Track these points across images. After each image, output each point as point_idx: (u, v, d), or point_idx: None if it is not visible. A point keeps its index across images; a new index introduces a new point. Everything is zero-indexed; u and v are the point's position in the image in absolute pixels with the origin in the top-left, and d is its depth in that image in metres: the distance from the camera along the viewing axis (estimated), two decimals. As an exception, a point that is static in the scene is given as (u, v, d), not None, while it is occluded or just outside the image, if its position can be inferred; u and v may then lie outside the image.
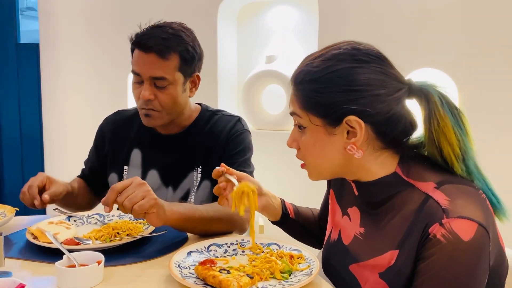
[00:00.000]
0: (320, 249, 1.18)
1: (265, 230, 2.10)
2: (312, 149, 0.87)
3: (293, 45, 2.35)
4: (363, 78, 0.80)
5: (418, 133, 0.86)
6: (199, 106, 1.45)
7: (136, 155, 1.42)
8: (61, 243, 1.02)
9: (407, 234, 0.80)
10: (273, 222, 1.15)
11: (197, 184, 1.36)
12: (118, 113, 1.52)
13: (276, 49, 2.38)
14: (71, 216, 1.26)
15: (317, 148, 0.86)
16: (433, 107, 0.81)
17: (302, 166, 0.93)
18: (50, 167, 2.79)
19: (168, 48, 1.26)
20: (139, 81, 1.30)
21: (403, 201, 0.83)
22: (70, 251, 0.95)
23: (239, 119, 1.42)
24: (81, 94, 2.70)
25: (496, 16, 1.74)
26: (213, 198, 1.28)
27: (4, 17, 2.97)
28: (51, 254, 0.99)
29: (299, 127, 0.88)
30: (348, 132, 0.83)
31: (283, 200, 1.15)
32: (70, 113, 2.75)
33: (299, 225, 1.16)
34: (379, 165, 0.86)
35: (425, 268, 0.76)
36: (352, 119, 0.81)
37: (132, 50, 1.32)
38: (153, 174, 1.39)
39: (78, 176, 1.53)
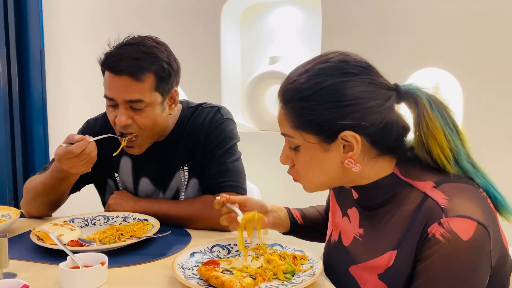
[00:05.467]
0: None
1: (269, 231, 2.09)
2: (309, 167, 0.87)
3: (297, 46, 2.35)
4: (353, 92, 0.79)
5: (411, 136, 0.86)
6: (180, 105, 1.39)
7: (126, 163, 1.39)
8: (65, 244, 1.03)
9: (405, 235, 0.80)
10: (284, 233, 1.15)
11: (185, 182, 1.34)
12: (106, 119, 1.37)
13: (280, 50, 2.38)
14: (75, 218, 1.26)
15: (313, 165, 0.86)
16: (422, 110, 0.81)
17: (296, 180, 0.92)
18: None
19: (142, 68, 1.18)
20: (112, 104, 1.22)
21: (401, 201, 0.82)
22: (74, 252, 0.95)
23: (218, 109, 1.36)
24: (85, 97, 2.72)
25: (501, 16, 1.73)
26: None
27: (29, 24, 3.00)
28: (56, 256, 1.00)
29: (294, 147, 0.87)
30: (344, 146, 0.83)
31: (288, 208, 1.15)
32: (74, 115, 2.77)
33: (308, 228, 1.16)
34: (376, 170, 0.86)
35: (425, 269, 0.75)
36: (348, 134, 0.80)
37: (103, 72, 1.24)
38: (145, 181, 1.37)
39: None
